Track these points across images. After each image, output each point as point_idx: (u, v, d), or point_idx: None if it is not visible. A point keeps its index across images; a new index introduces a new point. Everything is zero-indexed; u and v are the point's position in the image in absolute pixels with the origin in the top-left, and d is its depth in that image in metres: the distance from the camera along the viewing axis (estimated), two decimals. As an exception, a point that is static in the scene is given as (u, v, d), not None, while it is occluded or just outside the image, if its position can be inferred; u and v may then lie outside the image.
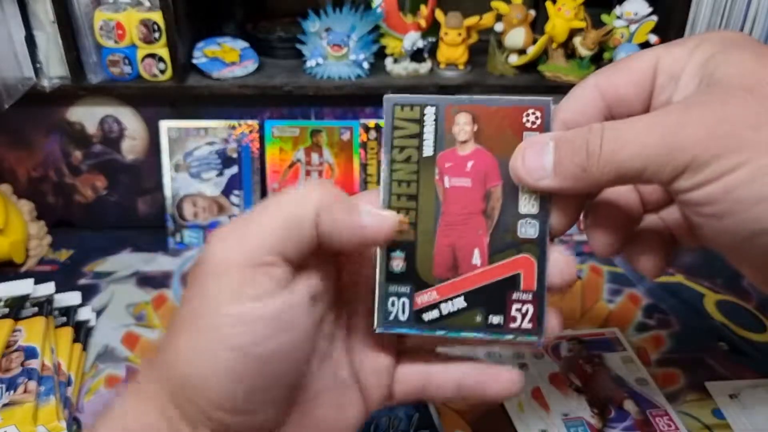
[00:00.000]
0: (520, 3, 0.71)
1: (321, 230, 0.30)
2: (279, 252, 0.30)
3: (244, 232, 0.30)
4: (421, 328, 0.35)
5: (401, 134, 0.34)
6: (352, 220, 0.31)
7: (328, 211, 0.30)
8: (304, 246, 0.30)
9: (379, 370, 0.36)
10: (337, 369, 0.35)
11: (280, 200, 0.31)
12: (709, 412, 0.52)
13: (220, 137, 0.73)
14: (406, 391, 0.37)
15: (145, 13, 0.67)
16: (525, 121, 0.34)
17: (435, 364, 0.37)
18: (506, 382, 0.36)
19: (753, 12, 0.69)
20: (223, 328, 0.29)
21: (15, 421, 0.47)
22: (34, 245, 0.71)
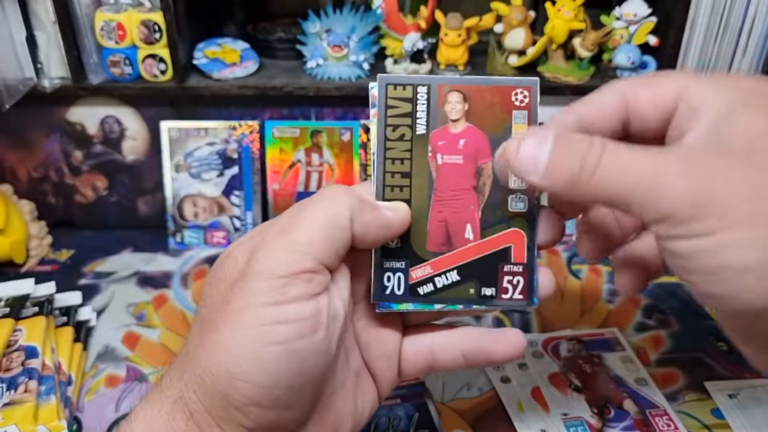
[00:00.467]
0: (520, 4, 0.72)
1: (355, 233, 0.32)
2: (320, 259, 0.31)
3: (289, 241, 0.31)
4: (416, 302, 0.36)
5: (394, 113, 0.35)
6: (380, 218, 0.33)
7: (359, 213, 0.32)
8: (341, 250, 0.32)
9: (387, 353, 0.37)
10: (350, 358, 0.36)
11: (316, 208, 0.32)
12: (708, 412, 0.52)
13: (221, 138, 0.73)
14: (415, 368, 0.38)
15: (145, 13, 0.67)
16: (514, 100, 0.35)
17: (438, 337, 0.38)
18: (512, 343, 0.37)
19: (752, 13, 0.69)
20: (266, 325, 0.30)
21: (15, 420, 0.47)
22: (35, 245, 0.72)
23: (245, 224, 0.74)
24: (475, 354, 0.37)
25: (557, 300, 0.66)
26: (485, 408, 0.53)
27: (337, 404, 0.35)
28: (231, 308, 0.31)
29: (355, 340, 0.37)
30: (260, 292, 0.30)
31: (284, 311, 0.30)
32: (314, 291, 0.31)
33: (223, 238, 0.74)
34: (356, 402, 0.36)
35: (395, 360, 0.38)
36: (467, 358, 0.37)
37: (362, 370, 0.37)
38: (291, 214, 0.33)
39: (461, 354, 0.37)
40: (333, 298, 0.32)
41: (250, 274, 0.31)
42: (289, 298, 0.30)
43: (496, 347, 0.37)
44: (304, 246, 0.31)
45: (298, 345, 0.30)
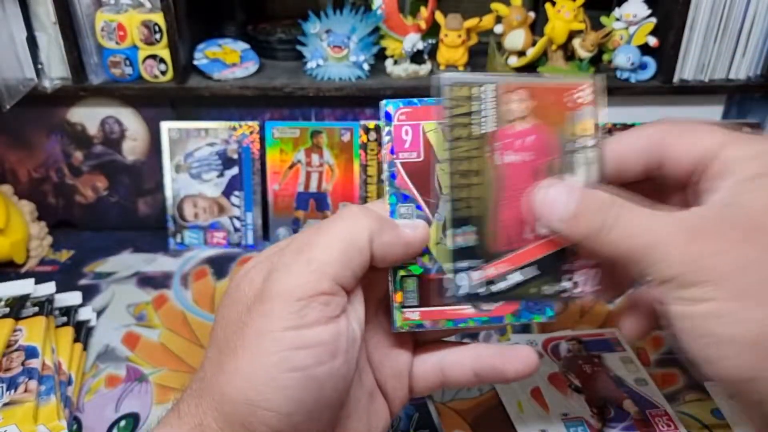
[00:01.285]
0: (520, 5, 0.72)
1: (374, 254, 0.32)
2: (338, 281, 0.31)
3: (307, 263, 0.31)
4: (488, 300, 0.36)
5: (457, 113, 0.35)
6: (399, 237, 0.33)
7: (378, 234, 0.32)
8: (359, 272, 0.32)
9: (399, 372, 0.37)
10: (363, 379, 0.36)
11: (334, 230, 0.32)
12: (708, 412, 0.52)
13: (221, 138, 0.73)
14: (426, 385, 0.38)
15: (146, 14, 0.67)
16: (577, 97, 0.35)
17: (449, 355, 0.38)
18: (524, 360, 0.36)
19: (752, 13, 0.69)
20: (285, 350, 0.29)
21: (15, 420, 0.47)
22: (35, 245, 0.72)
23: (245, 225, 0.74)
24: (487, 372, 0.37)
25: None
26: (485, 408, 0.53)
27: (351, 426, 0.35)
28: (249, 332, 0.30)
29: (367, 360, 0.37)
30: (278, 315, 0.30)
31: (303, 336, 0.29)
32: (332, 314, 0.30)
33: (223, 239, 0.74)
34: (370, 422, 0.36)
35: (406, 379, 0.37)
36: (478, 375, 0.37)
37: (375, 389, 0.37)
38: (308, 234, 0.32)
39: (472, 372, 0.37)
40: (351, 321, 0.32)
41: (268, 296, 0.30)
42: (308, 322, 0.30)
43: (507, 365, 0.36)
44: (322, 267, 0.30)
45: (318, 371, 0.30)
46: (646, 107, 0.74)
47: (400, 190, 0.36)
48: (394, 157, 0.35)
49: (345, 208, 0.33)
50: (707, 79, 0.72)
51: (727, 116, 0.75)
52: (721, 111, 0.75)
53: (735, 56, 0.71)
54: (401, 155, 0.35)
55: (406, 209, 0.35)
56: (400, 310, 0.36)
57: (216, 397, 0.30)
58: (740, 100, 0.75)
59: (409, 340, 0.38)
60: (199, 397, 0.31)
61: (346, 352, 0.31)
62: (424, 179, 0.36)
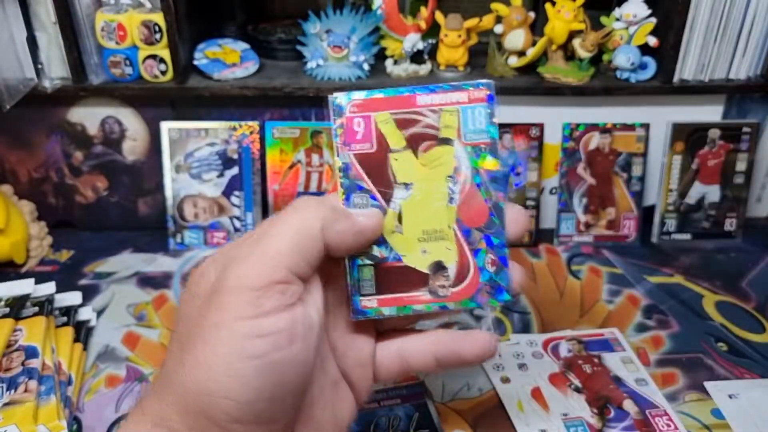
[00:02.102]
0: (520, 5, 0.72)
1: (328, 242, 0.33)
2: (292, 270, 0.31)
3: (261, 253, 0.31)
4: None
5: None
6: (353, 226, 0.34)
7: (331, 224, 0.33)
8: (314, 261, 0.32)
9: (362, 360, 0.38)
10: (326, 367, 0.37)
11: (287, 221, 0.32)
12: (708, 412, 0.52)
13: (221, 138, 0.73)
14: (389, 372, 0.39)
15: (146, 14, 0.67)
16: None
17: (410, 341, 0.38)
18: (482, 343, 0.37)
19: (752, 13, 0.69)
20: (243, 340, 0.30)
21: (15, 420, 0.47)
22: (35, 246, 0.72)
23: (245, 225, 0.74)
24: (447, 356, 0.38)
25: (557, 300, 0.66)
26: (485, 408, 0.53)
27: (316, 413, 0.35)
28: (207, 324, 0.31)
29: (330, 349, 0.37)
30: (235, 306, 0.30)
31: (260, 324, 0.30)
32: (288, 302, 0.31)
33: (223, 239, 0.74)
34: (335, 410, 0.36)
35: (370, 367, 0.38)
36: (439, 360, 0.38)
37: (339, 378, 0.37)
38: (263, 227, 0.33)
39: (433, 357, 0.38)
40: (308, 308, 0.33)
41: (224, 288, 0.31)
42: (264, 310, 0.30)
43: (465, 349, 0.37)
44: (276, 257, 0.31)
45: (275, 357, 0.30)
46: (646, 107, 0.74)
47: (354, 181, 0.36)
48: (347, 148, 0.36)
49: (298, 199, 0.34)
50: (707, 79, 0.72)
51: (727, 116, 0.75)
52: (721, 111, 0.75)
53: (735, 56, 0.71)
54: (354, 146, 0.36)
55: (360, 199, 0.36)
56: (358, 298, 0.37)
57: (177, 390, 0.30)
58: (740, 100, 0.75)
59: (371, 329, 0.39)
60: (161, 392, 0.31)
61: (304, 338, 0.32)
62: (377, 169, 0.36)
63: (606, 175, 0.75)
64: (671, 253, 0.74)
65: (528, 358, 0.58)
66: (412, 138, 0.36)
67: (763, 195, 0.80)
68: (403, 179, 0.36)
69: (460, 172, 0.37)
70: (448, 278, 0.37)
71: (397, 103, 0.36)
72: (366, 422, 0.51)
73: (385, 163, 0.36)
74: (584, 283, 0.69)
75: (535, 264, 0.72)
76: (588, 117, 0.74)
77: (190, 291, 0.34)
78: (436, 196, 0.37)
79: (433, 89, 0.36)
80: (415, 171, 0.36)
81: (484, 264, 0.37)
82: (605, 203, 0.75)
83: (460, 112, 0.36)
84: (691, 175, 0.75)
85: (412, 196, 0.36)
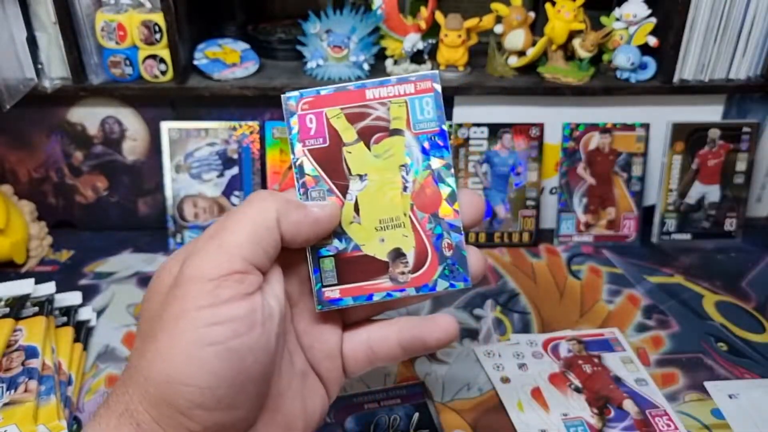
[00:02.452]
0: (520, 5, 0.72)
1: (284, 233, 0.34)
2: (250, 261, 0.32)
3: (218, 245, 0.32)
4: None
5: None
6: (307, 217, 0.35)
7: (286, 215, 0.34)
8: (270, 251, 0.33)
9: (330, 353, 0.38)
10: (294, 360, 0.37)
11: (243, 213, 0.33)
12: (708, 412, 0.52)
13: (221, 138, 0.73)
14: (357, 364, 0.39)
15: (146, 14, 0.67)
16: None
17: (374, 330, 0.39)
18: (443, 327, 0.38)
19: (752, 13, 0.69)
20: (202, 328, 0.30)
21: (15, 420, 0.47)
22: (35, 246, 0.72)
23: (245, 225, 0.74)
24: (411, 342, 0.38)
25: (557, 300, 0.66)
26: (485, 408, 0.53)
27: (285, 405, 0.36)
28: (167, 316, 0.31)
29: (297, 342, 0.38)
30: (193, 296, 0.31)
31: (218, 313, 0.31)
32: (246, 291, 0.32)
33: (223, 239, 0.74)
34: (305, 403, 0.37)
35: (338, 359, 0.39)
36: (404, 347, 0.38)
37: (308, 371, 0.38)
38: (220, 221, 0.34)
39: (398, 345, 0.38)
40: (267, 297, 0.33)
41: (183, 280, 0.32)
42: (222, 299, 0.31)
43: (427, 333, 0.38)
44: (233, 248, 0.32)
45: (234, 343, 0.31)
46: (646, 107, 0.74)
47: (309, 176, 0.37)
48: (301, 144, 0.37)
49: (253, 193, 0.35)
50: (707, 79, 0.72)
51: (727, 116, 0.75)
52: (721, 111, 0.75)
53: (735, 56, 0.71)
54: (308, 142, 0.37)
55: (317, 193, 0.37)
56: (321, 289, 0.37)
57: (140, 382, 0.31)
58: (740, 100, 0.75)
59: (338, 321, 0.39)
60: (126, 385, 0.32)
61: (263, 325, 0.32)
62: (332, 163, 0.37)
63: (606, 175, 0.75)
64: (671, 253, 0.74)
65: (528, 358, 0.58)
66: (363, 131, 0.37)
67: (763, 195, 0.80)
68: (357, 171, 0.37)
69: (412, 161, 0.37)
70: (407, 264, 0.38)
71: (347, 98, 0.37)
72: (366, 422, 0.51)
73: (339, 157, 0.37)
74: (584, 283, 0.69)
75: (535, 264, 0.72)
76: (588, 117, 0.74)
77: (152, 288, 0.34)
78: (390, 186, 0.38)
79: (381, 83, 0.37)
80: (369, 162, 0.37)
81: (441, 249, 0.38)
82: (605, 203, 0.75)
83: (408, 103, 0.37)
84: (691, 175, 0.75)
85: (367, 187, 0.37)
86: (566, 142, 0.74)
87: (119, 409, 0.31)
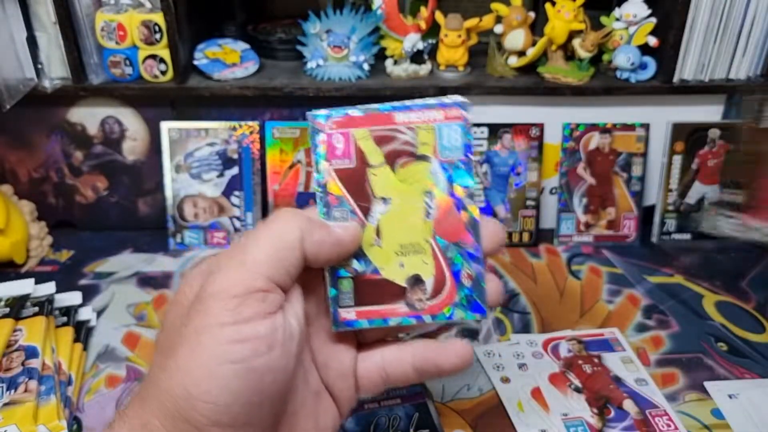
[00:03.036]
0: (520, 5, 0.72)
1: (306, 252, 0.34)
2: (272, 279, 0.32)
3: (241, 262, 0.32)
4: None
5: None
6: (330, 236, 0.35)
7: (309, 234, 0.34)
8: (292, 271, 0.33)
9: (344, 372, 0.38)
10: (308, 378, 0.37)
11: (266, 231, 0.33)
12: (708, 412, 0.52)
13: (221, 138, 0.73)
14: (371, 384, 0.39)
15: (146, 14, 0.67)
16: None
17: (389, 352, 0.39)
18: (459, 353, 0.38)
19: (752, 13, 0.69)
20: (223, 345, 0.30)
21: (15, 420, 0.47)
22: (35, 246, 0.72)
23: (245, 225, 0.74)
24: (425, 366, 0.38)
25: (557, 300, 0.66)
26: (485, 408, 0.53)
27: (299, 423, 0.36)
28: (188, 330, 0.31)
29: (312, 360, 0.38)
30: (216, 313, 0.31)
31: (240, 330, 0.31)
32: (268, 310, 0.32)
33: (223, 239, 0.74)
34: (318, 421, 0.37)
35: (352, 378, 0.38)
36: (418, 370, 0.38)
37: (321, 389, 0.38)
38: (244, 237, 0.34)
39: (412, 368, 0.38)
40: (288, 317, 0.33)
41: (205, 296, 0.32)
42: (245, 317, 0.31)
43: (442, 358, 0.38)
44: (256, 266, 0.32)
45: (255, 363, 0.31)
46: (646, 107, 0.74)
47: (333, 195, 0.37)
48: (327, 164, 0.37)
49: (278, 211, 0.35)
50: (707, 79, 0.72)
51: (727, 116, 0.75)
52: (721, 111, 0.75)
53: (735, 56, 0.71)
54: (334, 162, 0.37)
55: (340, 213, 0.37)
56: (337, 309, 0.37)
57: (158, 396, 0.31)
58: (740, 101, 0.75)
59: (353, 341, 0.39)
60: (143, 399, 0.32)
61: (283, 345, 0.32)
62: (357, 184, 0.37)
63: (606, 175, 0.75)
64: (671, 253, 0.74)
65: (528, 358, 0.58)
66: (390, 154, 0.37)
67: (763, 195, 0.80)
68: (381, 194, 0.37)
69: (437, 188, 0.37)
70: (425, 291, 0.38)
71: (376, 120, 0.37)
72: (366, 422, 0.51)
73: (364, 179, 0.37)
74: (584, 283, 0.69)
75: (535, 264, 0.72)
76: (588, 117, 0.74)
77: (175, 301, 0.34)
78: (413, 211, 0.37)
79: (411, 107, 0.37)
80: (393, 186, 0.37)
81: (460, 278, 0.38)
82: (605, 203, 0.75)
83: (436, 130, 0.37)
84: (691, 175, 0.75)
85: (390, 211, 0.37)
86: (566, 142, 0.74)
87: (135, 423, 0.31)
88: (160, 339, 0.34)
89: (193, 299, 0.32)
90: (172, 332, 0.33)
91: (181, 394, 0.30)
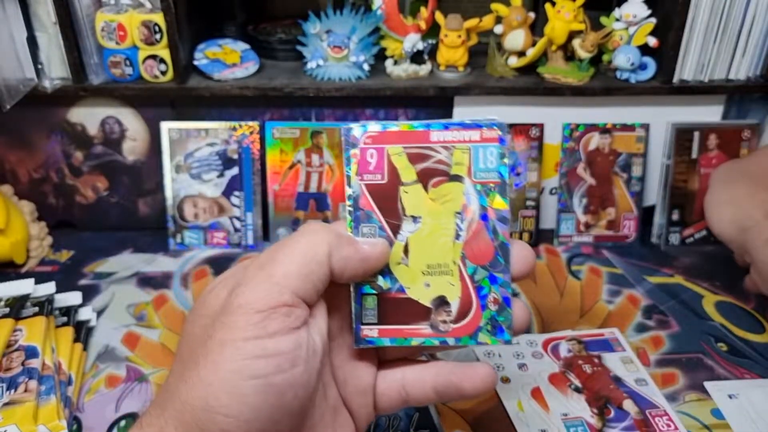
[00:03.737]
0: (520, 5, 0.72)
1: (333, 268, 0.33)
2: (298, 294, 0.32)
3: (268, 276, 0.32)
4: None
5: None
6: (357, 253, 0.35)
7: (337, 249, 0.33)
8: (319, 285, 0.33)
9: (363, 389, 0.38)
10: (328, 394, 0.37)
11: (294, 245, 0.33)
12: (708, 412, 0.52)
13: (221, 138, 0.73)
14: (389, 402, 0.39)
15: (146, 14, 0.67)
16: None
17: (410, 371, 0.39)
18: (482, 377, 0.37)
19: (752, 13, 0.69)
20: (247, 359, 0.30)
21: (15, 420, 0.47)
22: (35, 246, 0.72)
23: (245, 225, 0.74)
24: (446, 388, 0.38)
25: (557, 300, 0.66)
26: (485, 408, 0.53)
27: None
28: (212, 342, 0.31)
29: (332, 375, 0.37)
30: (241, 326, 0.31)
31: (264, 346, 0.30)
32: (293, 325, 0.31)
33: (223, 239, 0.74)
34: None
35: (371, 396, 0.38)
36: (438, 392, 0.38)
37: (339, 405, 0.37)
38: (271, 250, 0.34)
39: (432, 389, 0.38)
40: (312, 333, 0.33)
41: (231, 308, 0.31)
42: (269, 332, 0.31)
43: (466, 381, 0.37)
44: (283, 280, 0.32)
45: (277, 379, 0.31)
46: (646, 107, 0.74)
47: (363, 211, 0.37)
48: (359, 178, 0.37)
49: (306, 225, 0.35)
50: (707, 79, 0.72)
51: (726, 116, 0.75)
52: (721, 111, 0.75)
53: (735, 56, 0.71)
54: (366, 177, 0.37)
55: (368, 229, 0.37)
56: (360, 326, 0.37)
57: (177, 406, 0.31)
58: (740, 100, 0.75)
59: (374, 358, 0.39)
60: (162, 408, 0.32)
61: (306, 362, 0.32)
62: (387, 201, 0.37)
63: (606, 175, 0.75)
64: (671, 254, 0.74)
65: (528, 358, 0.58)
66: (423, 173, 0.37)
67: (762, 195, 0.80)
68: (411, 212, 0.37)
69: (469, 210, 0.37)
70: (450, 314, 0.37)
71: (411, 137, 0.37)
72: (366, 422, 0.51)
73: (395, 196, 0.37)
74: (584, 283, 0.69)
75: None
76: (588, 117, 0.74)
77: (196, 311, 0.34)
78: (443, 232, 0.37)
79: (447, 126, 0.37)
80: (424, 205, 0.37)
81: (486, 302, 0.37)
82: (605, 203, 0.75)
83: (471, 150, 0.37)
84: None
85: (420, 230, 0.37)
86: (566, 142, 0.74)
87: (151, 430, 0.31)
88: (181, 348, 0.34)
89: (218, 310, 0.32)
90: (194, 343, 0.32)
91: (200, 405, 0.30)
